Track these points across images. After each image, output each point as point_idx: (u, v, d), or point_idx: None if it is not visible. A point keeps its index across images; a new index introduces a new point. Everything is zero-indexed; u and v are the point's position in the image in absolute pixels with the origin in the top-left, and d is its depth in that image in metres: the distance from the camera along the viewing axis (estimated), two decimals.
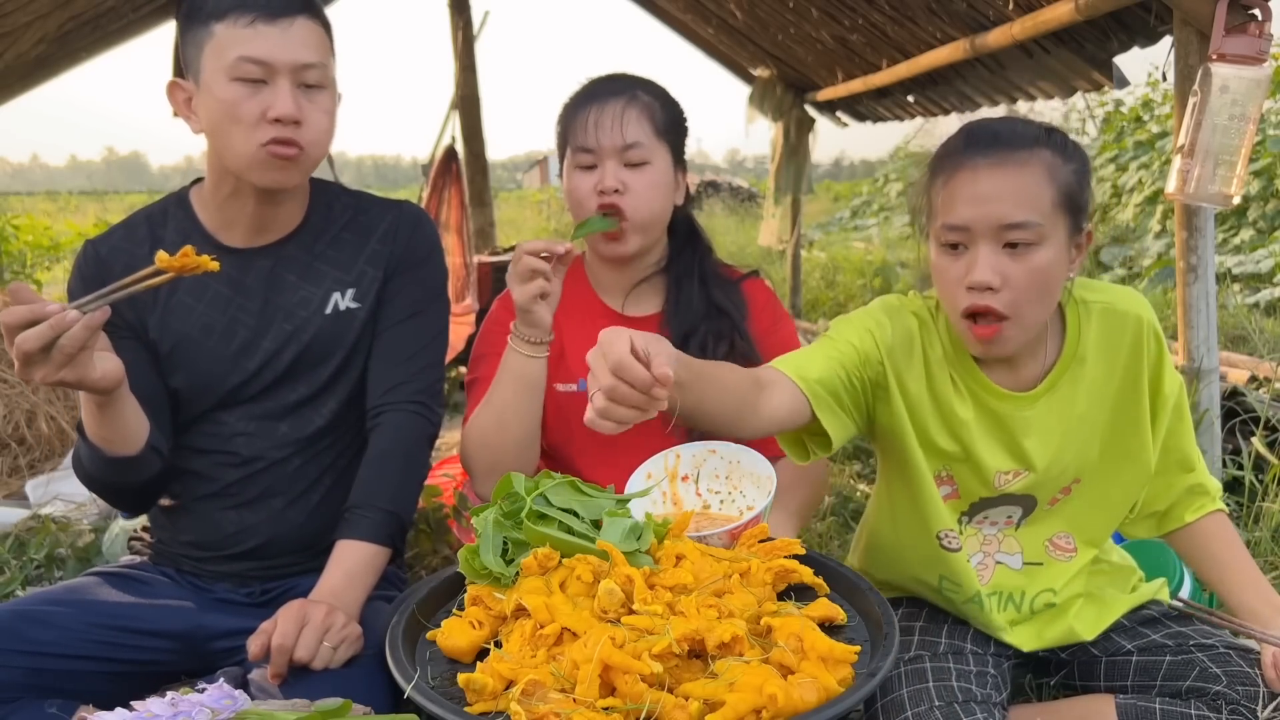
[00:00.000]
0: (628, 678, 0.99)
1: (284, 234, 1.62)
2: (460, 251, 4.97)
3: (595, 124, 1.65)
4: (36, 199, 28.35)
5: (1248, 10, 2.08)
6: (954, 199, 1.33)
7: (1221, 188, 2.14)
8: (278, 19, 1.44)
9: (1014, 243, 1.30)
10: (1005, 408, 1.45)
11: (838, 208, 19.16)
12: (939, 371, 1.48)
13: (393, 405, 1.60)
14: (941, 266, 1.37)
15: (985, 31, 3.45)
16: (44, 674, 1.39)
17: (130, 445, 1.44)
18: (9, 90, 4.51)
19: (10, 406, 3.69)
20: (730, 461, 1.52)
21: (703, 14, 5.50)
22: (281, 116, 1.44)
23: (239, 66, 1.43)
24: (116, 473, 1.47)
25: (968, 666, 1.48)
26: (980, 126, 1.37)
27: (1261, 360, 3.60)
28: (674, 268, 1.79)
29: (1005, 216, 1.29)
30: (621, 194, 1.65)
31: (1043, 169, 1.30)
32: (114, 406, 1.38)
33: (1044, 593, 1.54)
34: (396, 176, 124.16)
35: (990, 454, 1.47)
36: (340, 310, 1.62)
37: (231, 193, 1.56)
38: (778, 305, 1.86)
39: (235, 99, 1.44)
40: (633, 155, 1.65)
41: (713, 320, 1.73)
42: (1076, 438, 1.47)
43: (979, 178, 1.31)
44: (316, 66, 1.48)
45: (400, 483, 1.57)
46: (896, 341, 1.47)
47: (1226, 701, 1.36)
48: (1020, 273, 1.31)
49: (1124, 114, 10.71)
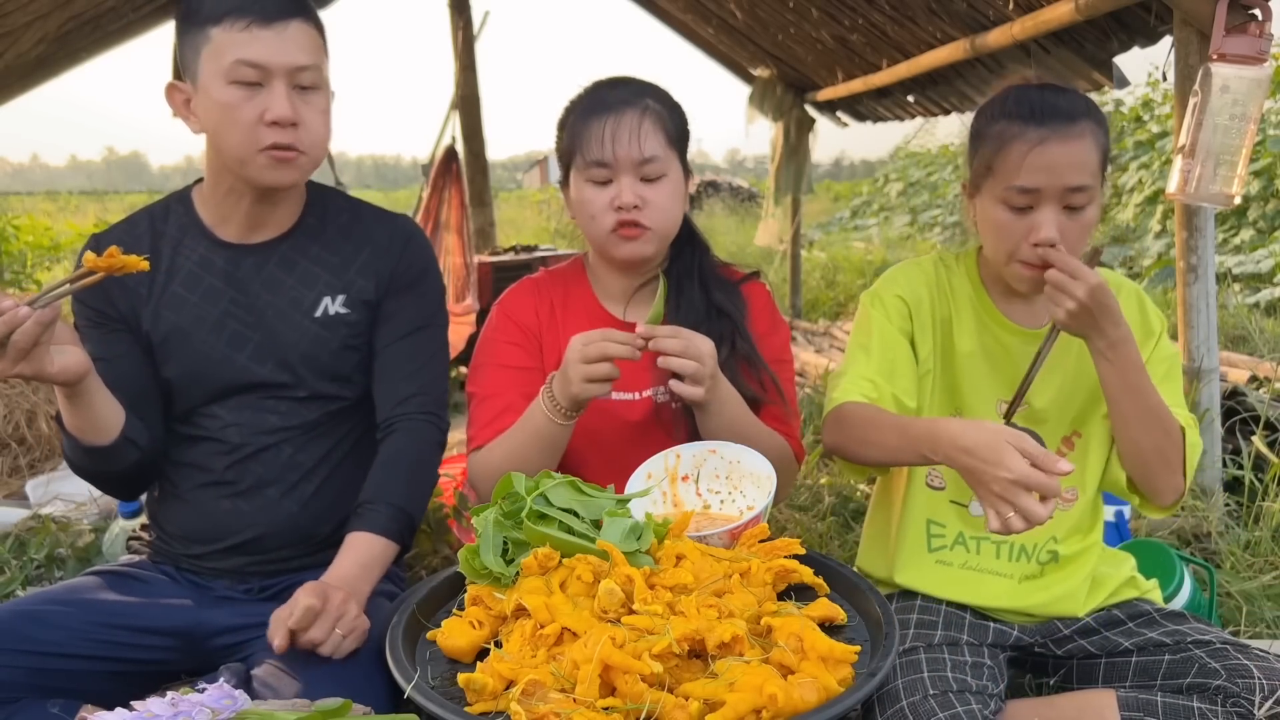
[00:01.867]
0: (628, 678, 0.99)
1: (279, 232, 1.65)
2: (460, 251, 4.98)
3: (611, 137, 1.62)
4: (37, 199, 28.38)
5: (1248, 10, 2.08)
6: (1023, 165, 1.47)
7: (1222, 188, 2.14)
8: (273, 22, 1.47)
9: (1074, 205, 1.47)
10: (1013, 341, 1.61)
11: (838, 208, 19.18)
12: (957, 309, 1.63)
13: (404, 417, 1.63)
14: (1003, 221, 1.51)
15: (985, 31, 3.45)
16: (46, 674, 1.39)
17: (103, 435, 1.49)
18: (9, 90, 4.51)
19: (10, 406, 3.69)
20: (730, 461, 1.52)
21: (703, 14, 5.51)
22: (278, 119, 1.47)
23: (236, 70, 1.46)
24: (93, 460, 1.52)
25: (963, 658, 1.49)
26: (1038, 98, 1.50)
27: (1261, 360, 3.61)
28: (674, 269, 1.78)
29: (1071, 181, 1.45)
30: (641, 209, 1.63)
31: (1091, 138, 1.47)
32: (81, 398, 1.43)
33: (1048, 541, 1.61)
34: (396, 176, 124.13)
35: (994, 381, 1.61)
36: (330, 315, 1.64)
37: (228, 190, 1.59)
38: (775, 310, 1.84)
39: (232, 102, 1.47)
40: (649, 170, 1.63)
41: (713, 322, 1.71)
42: (1072, 382, 1.59)
43: (1049, 149, 1.45)
44: (311, 68, 1.51)
45: (412, 482, 1.60)
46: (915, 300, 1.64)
47: (1226, 695, 1.37)
48: (1075, 229, 1.48)
49: (1124, 114, 10.71)
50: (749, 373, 1.69)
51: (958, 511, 1.64)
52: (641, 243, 1.66)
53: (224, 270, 1.61)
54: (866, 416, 1.49)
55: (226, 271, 1.61)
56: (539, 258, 5.38)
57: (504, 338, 1.75)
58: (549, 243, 8.26)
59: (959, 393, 1.64)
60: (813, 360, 5.00)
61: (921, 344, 1.63)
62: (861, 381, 1.56)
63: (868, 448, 1.49)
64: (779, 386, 1.71)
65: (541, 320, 1.76)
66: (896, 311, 1.63)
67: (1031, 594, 1.60)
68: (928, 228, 13.83)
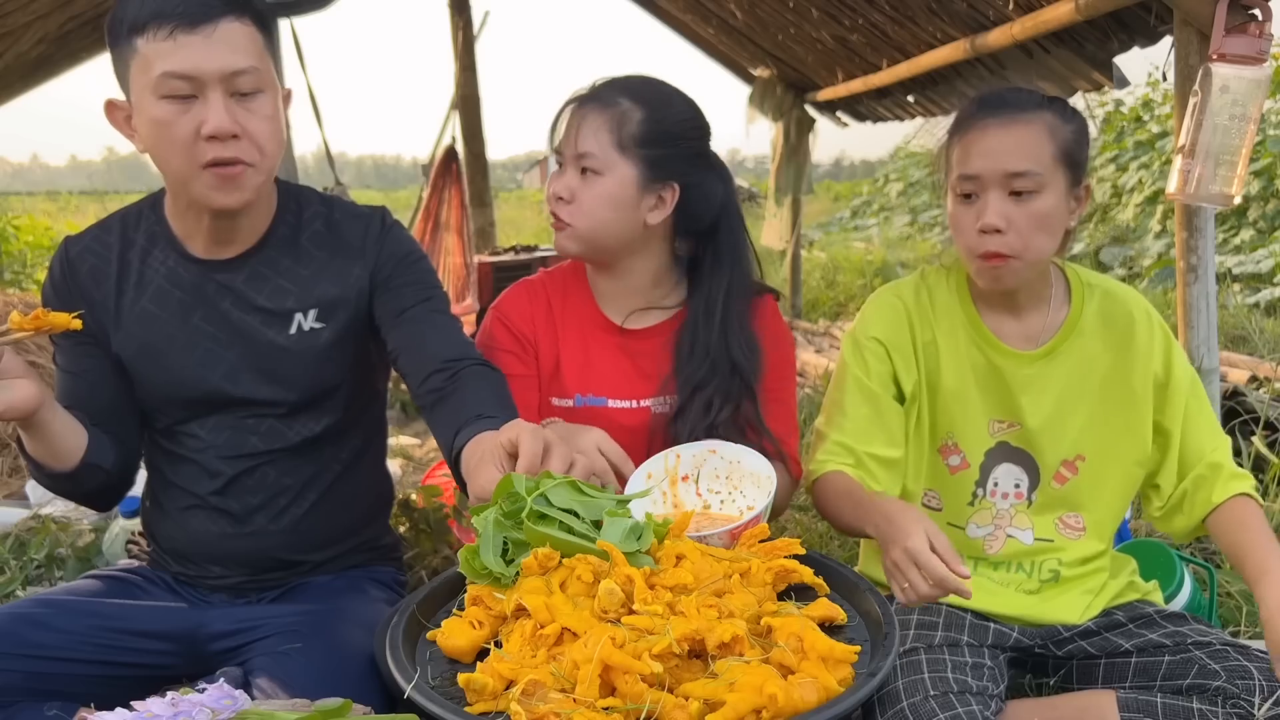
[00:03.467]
0: (628, 678, 0.99)
1: (247, 246, 1.55)
2: (460, 251, 4.97)
3: (560, 126, 1.65)
4: (37, 199, 28.34)
5: (1248, 10, 2.08)
6: (967, 153, 1.51)
7: (1222, 188, 2.14)
8: (199, 26, 1.34)
9: (1019, 190, 1.47)
10: (1006, 364, 1.59)
11: (838, 208, 19.18)
12: (944, 330, 1.63)
13: (466, 363, 1.48)
14: (957, 215, 1.54)
15: (985, 31, 3.45)
16: (43, 677, 1.38)
17: (64, 462, 1.46)
18: (9, 90, 4.52)
19: None
20: (730, 462, 1.52)
21: (703, 14, 5.51)
22: (216, 133, 1.36)
23: (164, 83, 1.34)
24: (57, 483, 1.51)
25: (964, 659, 1.49)
26: (992, 93, 1.55)
27: (1261, 360, 3.61)
28: (695, 296, 1.71)
29: (1010, 166, 1.47)
30: (566, 202, 1.63)
31: (1044, 127, 1.48)
32: (38, 430, 1.40)
33: (1050, 561, 1.62)
34: (396, 176, 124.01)
35: (984, 402, 1.61)
36: (305, 330, 1.56)
37: (187, 206, 1.50)
38: (781, 325, 1.79)
39: (165, 118, 1.36)
40: (585, 164, 1.61)
41: (725, 379, 1.65)
42: (1071, 406, 1.59)
43: (989, 134, 1.49)
44: (248, 71, 1.38)
45: (504, 402, 1.45)
46: (895, 344, 1.63)
47: (1226, 696, 1.37)
48: (1023, 216, 1.48)
49: (1124, 114, 10.71)
50: (751, 435, 1.66)
51: (953, 533, 1.64)
52: (563, 235, 1.66)
53: (193, 285, 1.53)
54: (839, 490, 1.56)
55: (196, 286, 1.53)
56: (539, 258, 5.39)
57: (499, 345, 1.73)
58: (549, 243, 8.25)
59: (949, 416, 1.63)
60: (813, 360, 5.01)
61: (906, 378, 1.63)
62: (837, 450, 1.61)
63: (841, 518, 1.56)
64: (780, 449, 1.68)
65: (538, 325, 1.74)
66: (874, 356, 1.63)
67: (1031, 606, 1.60)
68: (928, 228, 13.82)
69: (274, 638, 1.44)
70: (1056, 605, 1.60)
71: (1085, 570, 1.62)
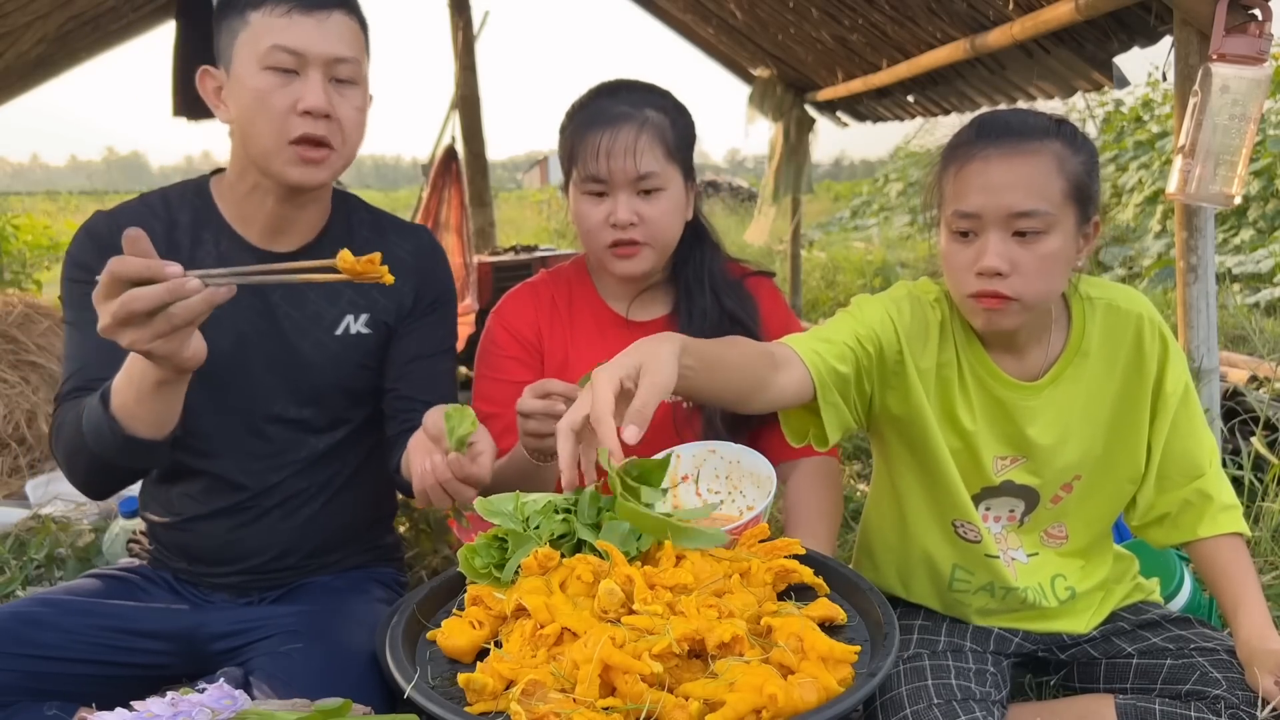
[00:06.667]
0: (628, 678, 0.99)
1: (304, 241, 1.58)
2: (460, 251, 4.97)
3: (607, 153, 1.58)
4: (36, 199, 28.37)
5: (1248, 10, 2.08)
6: (966, 187, 1.35)
7: (1222, 188, 2.14)
8: (314, 11, 1.42)
9: (1023, 231, 1.33)
10: (1011, 396, 1.48)
11: (838, 208, 19.16)
12: (949, 362, 1.49)
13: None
14: (952, 252, 1.39)
15: (985, 31, 3.45)
16: (42, 677, 1.38)
17: (159, 430, 1.32)
18: (9, 90, 4.52)
19: (10, 406, 3.68)
20: (730, 461, 1.52)
21: (703, 14, 5.50)
22: (311, 109, 1.41)
23: (272, 55, 1.40)
24: (121, 453, 1.32)
25: (967, 665, 1.48)
26: (992, 117, 1.39)
27: (1261, 360, 3.60)
28: (683, 273, 1.75)
29: (1015, 205, 1.32)
30: (638, 225, 1.61)
31: (1052, 159, 1.33)
32: (175, 389, 1.27)
33: (1057, 577, 1.57)
34: (396, 176, 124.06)
35: (989, 439, 1.50)
36: (351, 334, 1.58)
37: (253, 187, 1.51)
38: (785, 308, 1.82)
39: (266, 88, 1.41)
40: (647, 184, 1.60)
41: (725, 329, 1.67)
42: (1078, 431, 1.49)
43: (990, 167, 1.33)
44: (350, 61, 1.45)
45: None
46: (915, 329, 1.48)
47: (1226, 705, 1.36)
48: (1028, 259, 1.33)
49: (1124, 114, 10.72)
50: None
51: (989, 564, 1.54)
52: (637, 260, 1.64)
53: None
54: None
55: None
56: (539, 258, 5.38)
57: (503, 351, 1.73)
58: (549, 243, 8.25)
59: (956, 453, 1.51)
60: None
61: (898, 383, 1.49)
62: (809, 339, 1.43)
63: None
64: None
65: (541, 327, 1.74)
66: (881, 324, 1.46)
67: (1042, 621, 1.58)
68: (928, 228, 13.80)
69: (274, 638, 1.44)
70: (1065, 619, 1.57)
71: (1095, 582, 1.59)
